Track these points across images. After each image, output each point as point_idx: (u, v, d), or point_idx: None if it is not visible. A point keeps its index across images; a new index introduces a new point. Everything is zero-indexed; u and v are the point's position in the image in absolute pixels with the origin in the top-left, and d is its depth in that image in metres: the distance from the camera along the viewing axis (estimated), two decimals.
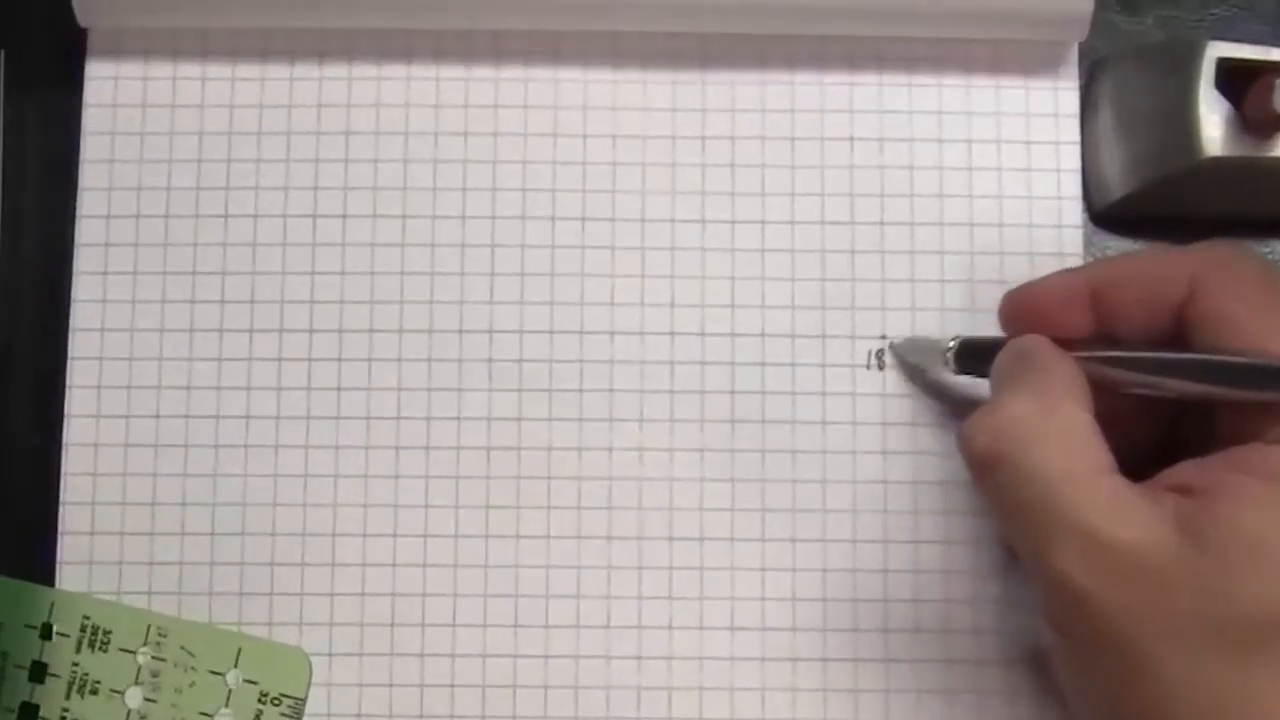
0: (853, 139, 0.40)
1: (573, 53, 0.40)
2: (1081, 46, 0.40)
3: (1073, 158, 0.40)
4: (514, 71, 0.40)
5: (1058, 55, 0.40)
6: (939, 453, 0.39)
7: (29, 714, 0.37)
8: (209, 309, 0.39)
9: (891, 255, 0.39)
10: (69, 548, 0.38)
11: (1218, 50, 0.37)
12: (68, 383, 0.39)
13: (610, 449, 0.39)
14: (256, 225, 0.40)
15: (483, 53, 0.40)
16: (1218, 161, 0.37)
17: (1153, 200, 0.39)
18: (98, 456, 0.39)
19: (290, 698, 0.38)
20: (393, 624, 0.38)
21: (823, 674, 0.38)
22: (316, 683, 0.38)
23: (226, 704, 0.37)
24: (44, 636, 0.38)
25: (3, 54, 0.40)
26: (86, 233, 0.40)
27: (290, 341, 0.39)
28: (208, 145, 0.40)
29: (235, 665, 0.38)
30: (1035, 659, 0.38)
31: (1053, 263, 0.39)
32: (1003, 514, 0.32)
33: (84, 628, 0.38)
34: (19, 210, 0.40)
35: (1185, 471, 0.31)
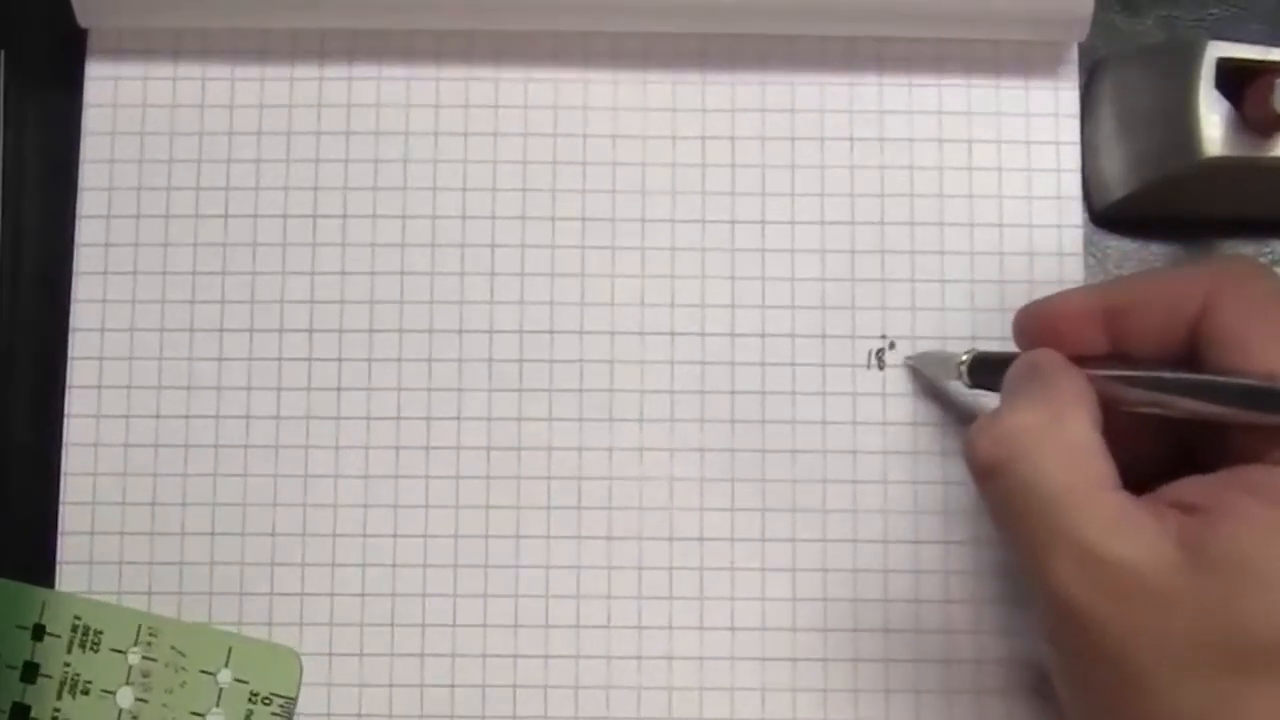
0: (853, 139, 0.40)
1: (573, 53, 0.40)
2: (1081, 46, 0.40)
3: (1073, 158, 0.40)
4: (514, 72, 0.40)
5: (1058, 55, 0.40)
6: (939, 453, 0.39)
7: (21, 714, 0.37)
8: (209, 309, 0.39)
9: (891, 255, 0.39)
10: (69, 548, 0.38)
11: (1218, 50, 0.37)
12: (68, 383, 0.39)
13: (610, 449, 0.39)
14: (256, 225, 0.40)
15: (483, 53, 0.40)
16: (1218, 161, 0.37)
17: (1153, 200, 0.39)
18: (98, 456, 0.39)
19: (281, 697, 0.38)
20: (393, 624, 0.38)
21: (823, 674, 0.38)
22: (316, 683, 0.38)
23: (217, 704, 0.37)
24: (35, 637, 0.38)
25: (3, 54, 0.40)
26: (86, 233, 0.40)
27: (290, 341, 0.39)
28: (208, 145, 0.40)
29: (226, 665, 0.38)
30: (1035, 659, 0.38)
31: (1053, 263, 0.39)
32: (1003, 523, 0.32)
33: (75, 628, 0.38)
34: (19, 210, 0.40)
35: (1189, 488, 0.31)
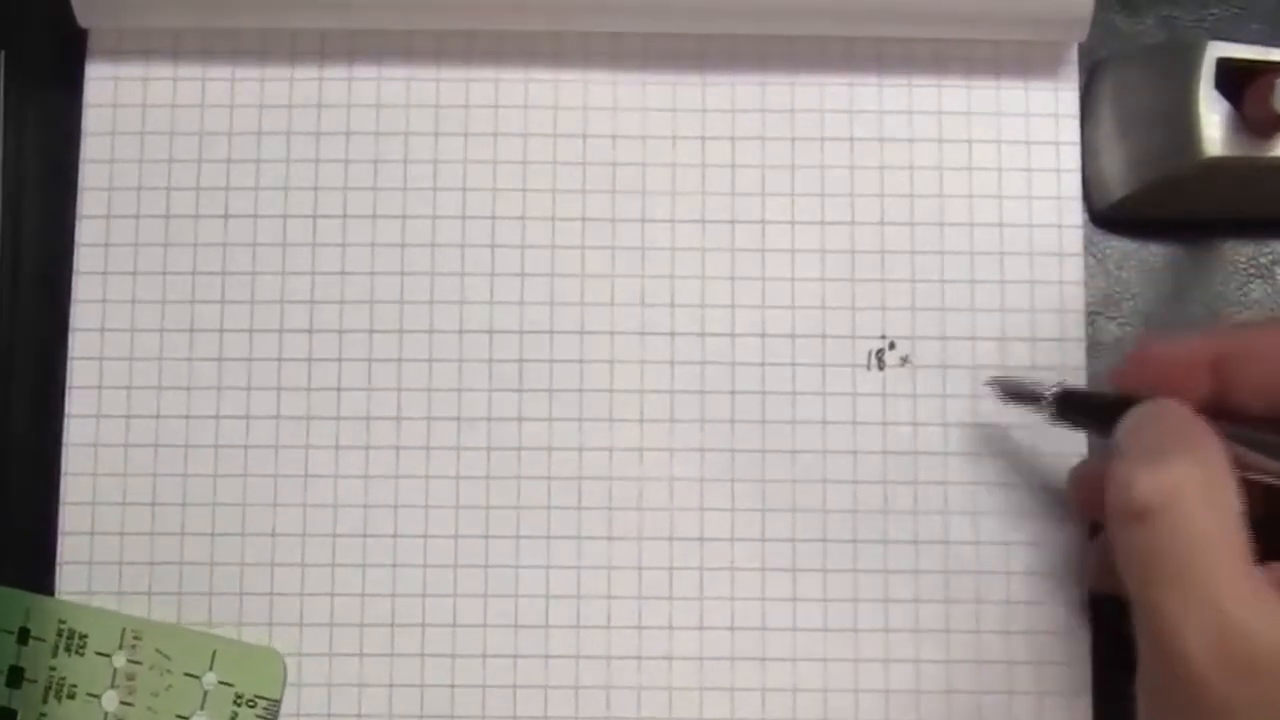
0: (853, 139, 0.40)
1: (573, 53, 0.40)
2: (1081, 47, 0.40)
3: (1073, 158, 0.40)
4: (514, 72, 0.40)
5: (1058, 55, 0.40)
6: (939, 453, 0.39)
7: (7, 718, 0.37)
8: (209, 309, 0.39)
9: (891, 255, 0.39)
10: (69, 548, 0.38)
11: (1218, 50, 0.37)
12: (68, 383, 0.39)
13: (610, 449, 0.39)
14: (256, 225, 0.40)
15: (483, 53, 0.40)
16: (1218, 161, 0.37)
17: (1153, 200, 0.39)
18: (98, 456, 0.39)
19: (265, 699, 0.38)
20: (393, 624, 0.38)
21: (823, 674, 0.38)
22: (316, 683, 0.38)
23: (202, 706, 0.37)
24: (20, 641, 0.38)
25: (3, 54, 0.40)
26: (86, 233, 0.40)
27: (290, 341, 0.39)
28: (208, 145, 0.40)
29: (210, 667, 0.38)
30: (1034, 659, 0.38)
31: (1053, 263, 0.39)
32: (1141, 569, 0.31)
33: (60, 632, 0.38)
34: (19, 210, 0.40)
35: None
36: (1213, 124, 0.37)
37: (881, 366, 0.39)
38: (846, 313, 0.39)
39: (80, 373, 0.39)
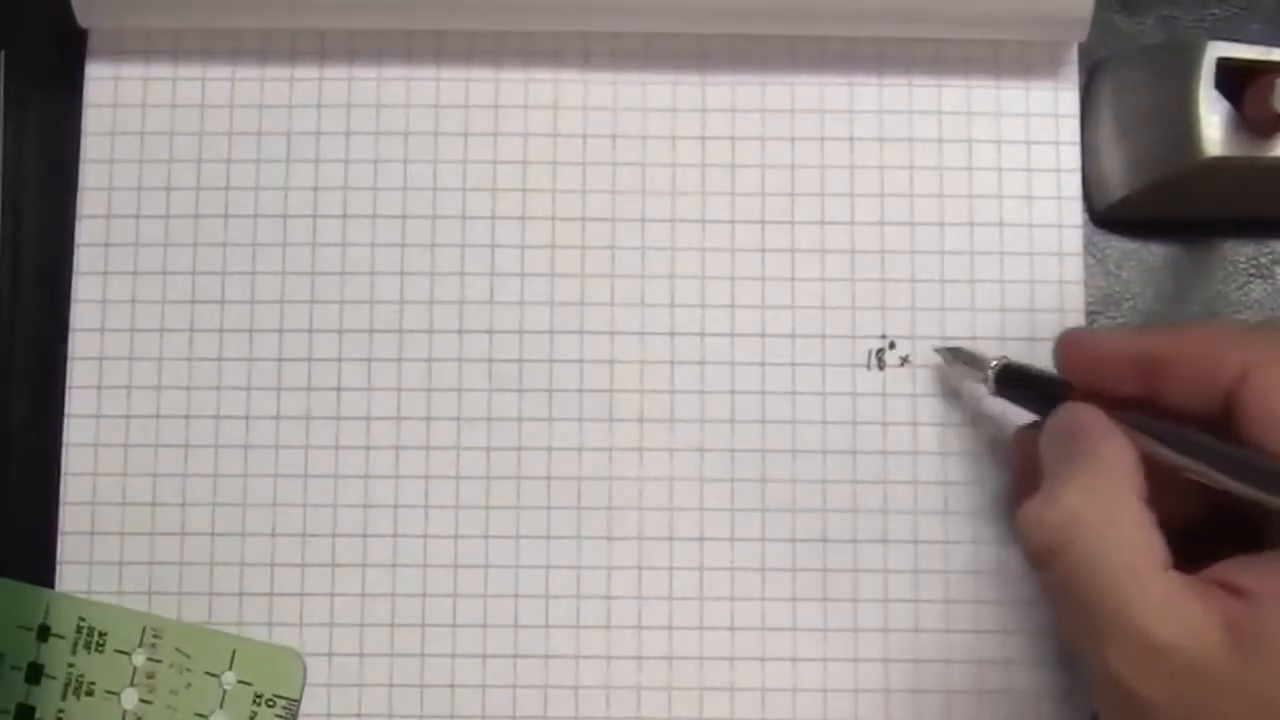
0: (853, 139, 0.40)
1: (573, 53, 0.40)
2: (1081, 47, 0.40)
3: (1073, 158, 0.40)
4: (514, 72, 0.40)
5: (1058, 55, 0.40)
6: (939, 453, 0.39)
7: (25, 715, 0.37)
8: (209, 309, 0.39)
9: (891, 255, 0.39)
10: (69, 548, 0.38)
11: (1218, 50, 0.37)
12: (68, 383, 0.39)
13: (610, 449, 0.39)
14: (256, 225, 0.40)
15: (483, 53, 0.40)
16: (1218, 161, 0.37)
17: (1153, 200, 0.39)
18: (98, 456, 0.39)
19: (284, 699, 0.38)
20: (393, 624, 0.38)
21: (823, 674, 0.38)
22: (317, 683, 0.38)
23: (221, 705, 0.37)
24: (40, 638, 0.38)
25: (3, 54, 0.40)
26: (86, 233, 0.40)
27: (290, 341, 0.39)
28: (208, 145, 0.40)
29: (230, 667, 0.38)
30: (1034, 659, 0.38)
31: (1053, 263, 0.39)
32: (1058, 605, 0.33)
33: (80, 629, 0.38)
34: (19, 210, 0.40)
35: (1237, 569, 0.31)
36: (1213, 124, 0.37)
37: (881, 366, 0.39)
38: (846, 313, 0.39)
39: (80, 373, 0.39)
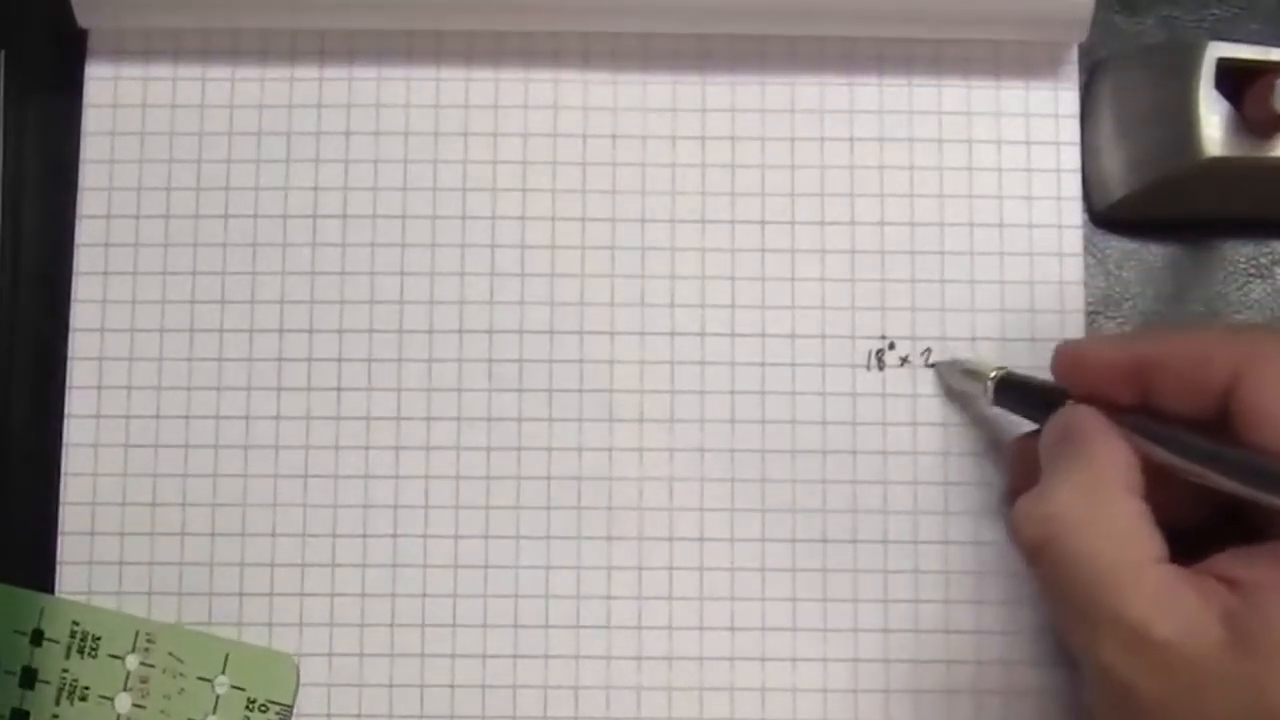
0: (853, 139, 0.40)
1: (573, 53, 0.40)
2: (1081, 47, 0.40)
3: (1073, 158, 0.40)
4: (514, 72, 0.40)
5: (1058, 56, 0.40)
6: (939, 453, 0.39)
7: None
8: (209, 309, 0.39)
9: (891, 255, 0.39)
10: (69, 548, 0.38)
11: (1218, 50, 0.37)
12: (68, 383, 0.39)
13: (610, 449, 0.39)
14: (256, 225, 0.40)
15: (483, 53, 0.40)
16: (1218, 161, 0.37)
17: (1153, 200, 0.39)
18: (98, 456, 0.39)
19: (277, 704, 0.38)
20: (393, 624, 0.38)
21: (823, 674, 0.38)
22: (317, 683, 0.38)
23: (214, 710, 0.37)
24: (34, 643, 0.38)
25: (3, 54, 0.40)
26: (86, 233, 0.40)
27: (290, 341, 0.39)
28: (208, 145, 0.40)
29: (223, 671, 0.38)
30: (1034, 659, 0.38)
31: (1053, 263, 0.39)
32: (1051, 601, 0.33)
33: (73, 633, 0.38)
34: (19, 210, 0.40)
35: (1235, 561, 0.31)
36: (1213, 124, 0.37)
37: (881, 366, 0.39)
38: (846, 313, 0.39)
39: (80, 373, 0.39)
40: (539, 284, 0.39)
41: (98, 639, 0.38)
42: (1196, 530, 0.32)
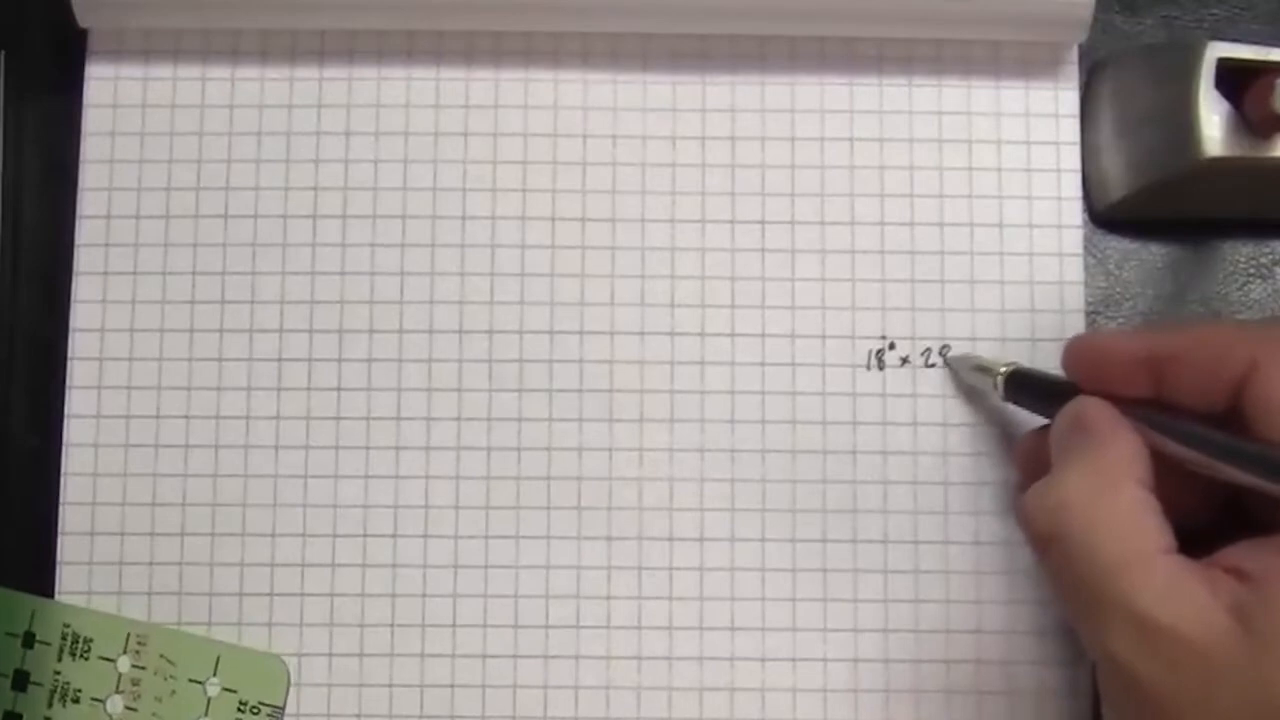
0: (853, 139, 0.40)
1: (573, 53, 0.40)
2: (1081, 47, 0.40)
3: (1073, 158, 0.40)
4: (514, 72, 0.40)
5: (1058, 56, 0.40)
6: (939, 453, 0.39)
7: None
8: (209, 309, 0.39)
9: (891, 255, 0.39)
10: (69, 548, 0.38)
11: (1218, 50, 0.37)
12: (68, 383, 0.39)
13: (610, 449, 0.39)
14: (256, 225, 0.40)
15: (483, 53, 0.40)
16: (1218, 161, 0.37)
17: (1153, 200, 0.39)
18: (98, 456, 0.39)
19: (269, 705, 0.38)
20: (393, 624, 0.38)
21: (823, 674, 0.38)
22: (317, 683, 0.38)
23: (206, 712, 0.37)
24: (26, 645, 0.38)
25: (3, 54, 0.40)
26: (86, 233, 0.40)
27: (290, 341, 0.39)
28: (208, 146, 0.40)
29: (214, 674, 0.38)
30: (1034, 659, 0.38)
31: (1053, 263, 0.39)
32: (1060, 591, 0.33)
33: (65, 636, 0.38)
34: (19, 210, 0.40)
35: (1244, 553, 0.31)
36: (1213, 124, 0.37)
37: (881, 366, 0.39)
38: (846, 313, 0.39)
39: (80, 373, 0.39)
40: (539, 284, 0.39)
41: (89, 641, 0.38)
42: (1204, 525, 0.32)
